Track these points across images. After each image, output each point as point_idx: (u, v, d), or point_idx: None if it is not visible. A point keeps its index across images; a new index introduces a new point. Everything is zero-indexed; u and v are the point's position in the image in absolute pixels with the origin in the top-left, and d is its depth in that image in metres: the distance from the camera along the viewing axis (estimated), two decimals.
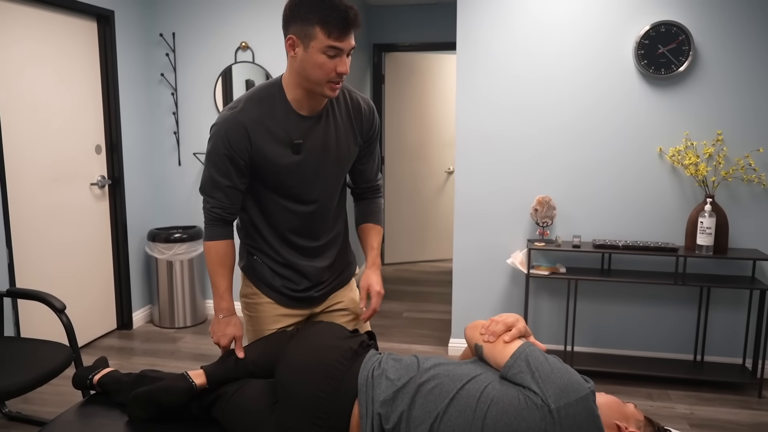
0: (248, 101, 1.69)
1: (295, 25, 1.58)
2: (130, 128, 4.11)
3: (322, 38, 1.55)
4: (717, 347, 3.56)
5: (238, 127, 1.66)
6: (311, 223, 1.82)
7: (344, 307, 1.96)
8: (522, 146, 3.60)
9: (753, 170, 3.36)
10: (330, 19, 1.53)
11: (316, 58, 1.58)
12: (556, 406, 1.32)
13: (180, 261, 4.17)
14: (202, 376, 1.72)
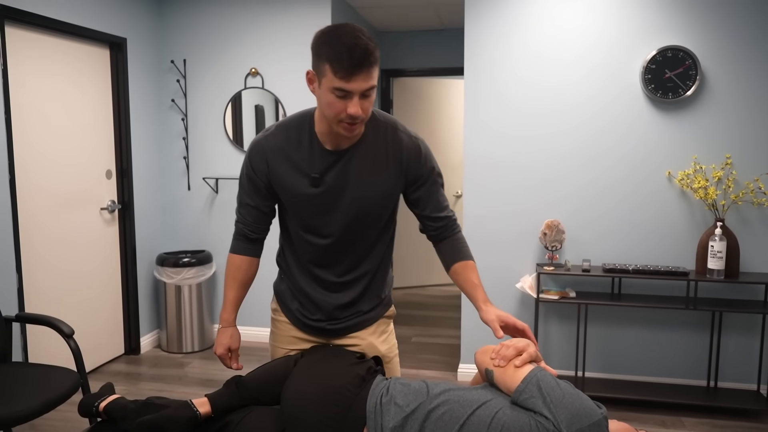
0: (279, 127, 1.72)
1: (314, 60, 1.55)
2: (140, 153, 4.15)
3: (330, 77, 1.50)
4: (730, 373, 3.51)
5: (260, 152, 1.71)
6: (329, 256, 1.77)
7: (361, 351, 1.85)
8: (530, 171, 3.60)
9: (763, 193, 3.34)
10: (339, 57, 1.47)
11: (327, 97, 1.54)
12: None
13: (188, 285, 4.18)
14: (206, 405, 1.71)
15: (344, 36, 1.48)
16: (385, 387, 1.54)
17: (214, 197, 4.42)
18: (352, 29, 1.50)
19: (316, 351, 1.72)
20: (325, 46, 1.50)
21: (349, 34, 1.48)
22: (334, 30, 1.51)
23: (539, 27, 3.51)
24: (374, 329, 1.88)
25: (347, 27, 1.51)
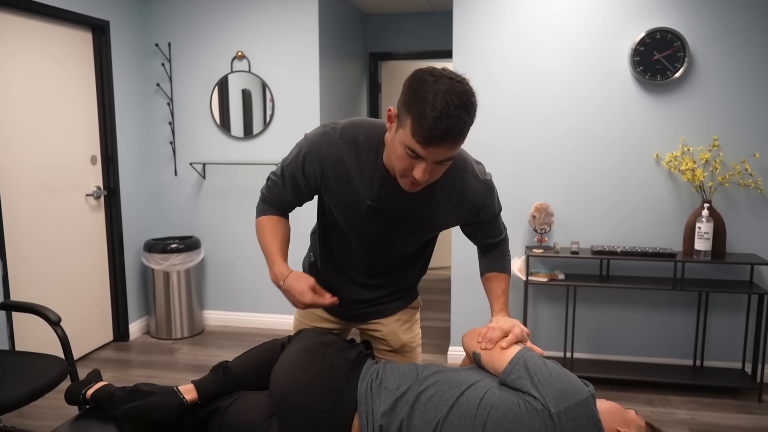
0: (344, 136, 1.55)
1: (400, 101, 1.38)
2: (125, 138, 4.10)
3: (408, 135, 1.34)
4: (716, 352, 3.55)
5: (318, 157, 1.56)
6: (362, 257, 1.75)
7: (382, 336, 1.88)
8: (519, 155, 3.59)
9: (749, 175, 3.36)
10: (422, 120, 1.30)
11: (398, 150, 1.39)
12: (557, 410, 1.31)
13: (177, 271, 4.15)
14: (193, 391, 1.70)
15: (438, 97, 1.29)
16: (375, 371, 1.54)
17: (201, 183, 4.38)
18: (451, 91, 1.30)
19: (305, 336, 1.72)
20: (415, 99, 1.32)
21: (444, 98, 1.29)
22: (433, 83, 1.31)
23: (528, 9, 3.48)
24: (398, 317, 1.89)
25: (448, 85, 1.31)
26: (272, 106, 4.20)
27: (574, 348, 3.69)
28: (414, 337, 1.95)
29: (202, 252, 4.32)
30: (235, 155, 4.29)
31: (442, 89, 1.30)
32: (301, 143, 1.61)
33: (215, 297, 4.50)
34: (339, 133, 1.55)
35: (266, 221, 1.71)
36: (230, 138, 4.29)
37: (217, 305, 4.50)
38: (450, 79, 1.32)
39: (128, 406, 1.70)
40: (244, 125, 4.25)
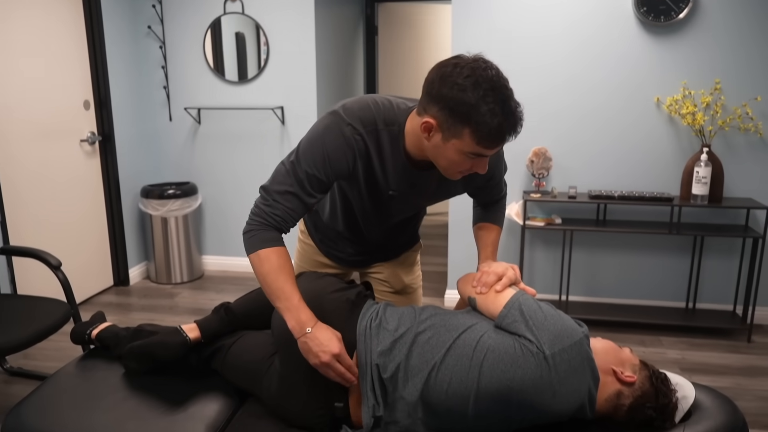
0: (366, 125, 1.44)
1: (441, 111, 1.30)
2: (118, 83, 4.03)
3: (470, 143, 1.31)
4: (709, 295, 3.61)
5: (346, 152, 1.44)
6: (364, 225, 1.75)
7: (384, 278, 1.91)
8: (519, 96, 3.53)
9: (750, 119, 3.34)
10: (487, 128, 1.27)
11: (453, 156, 1.35)
12: (551, 353, 1.33)
13: (175, 217, 4.16)
14: (195, 330, 1.73)
15: (490, 99, 1.26)
16: (375, 311, 1.56)
17: (196, 128, 4.33)
18: (496, 85, 1.27)
19: (305, 277, 1.73)
20: (465, 108, 1.26)
21: (496, 97, 1.26)
22: (473, 86, 1.26)
23: None
24: (401, 260, 1.91)
25: (487, 80, 1.27)
26: (267, 50, 4.11)
27: (570, 291, 3.75)
28: (415, 278, 1.97)
29: (199, 198, 4.31)
30: (229, 100, 4.23)
31: (487, 87, 1.27)
32: (315, 138, 1.44)
33: (214, 242, 4.52)
34: (360, 122, 1.44)
35: (271, 255, 1.44)
36: (224, 82, 4.21)
37: (215, 250, 4.53)
38: (481, 69, 1.28)
39: (133, 344, 1.73)
40: (238, 69, 4.17)
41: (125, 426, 1.51)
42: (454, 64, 1.30)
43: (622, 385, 1.42)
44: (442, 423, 1.43)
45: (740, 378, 2.96)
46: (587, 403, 1.38)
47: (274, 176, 1.48)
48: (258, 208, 1.47)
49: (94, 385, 1.70)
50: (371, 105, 1.46)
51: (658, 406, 1.40)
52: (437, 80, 1.31)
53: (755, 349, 3.26)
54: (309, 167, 1.43)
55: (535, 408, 1.35)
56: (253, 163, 4.31)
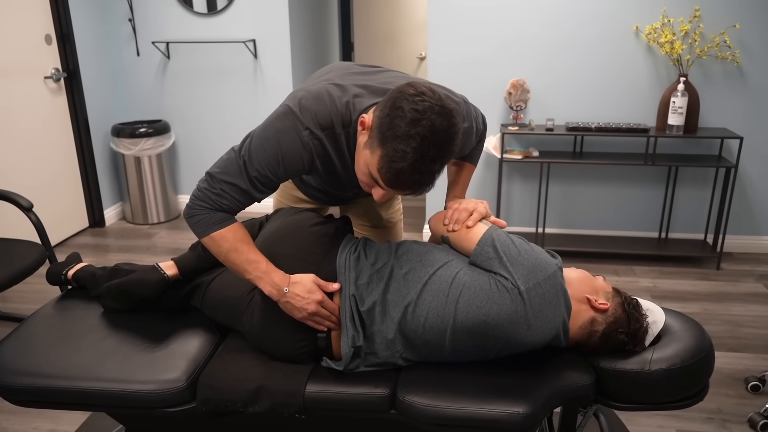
0: (322, 126, 1.37)
1: (376, 119, 1.26)
2: (80, 16, 3.84)
3: (373, 165, 1.26)
4: (681, 224, 3.69)
5: (303, 156, 1.37)
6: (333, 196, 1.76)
7: (361, 213, 1.92)
8: (495, 27, 3.47)
9: (728, 47, 3.32)
10: (389, 165, 1.22)
11: (361, 164, 1.31)
12: (526, 288, 1.36)
13: (148, 156, 4.07)
14: (173, 267, 1.72)
15: (413, 145, 1.20)
16: (354, 245, 1.56)
17: (166, 63, 4.19)
18: (431, 136, 1.20)
19: (282, 213, 1.72)
20: (391, 133, 1.21)
21: (420, 147, 1.20)
22: (414, 122, 1.20)
23: None
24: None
25: (429, 127, 1.20)
26: None
27: (546, 223, 3.79)
28: (394, 212, 1.97)
29: (172, 136, 4.22)
30: (199, 33, 4.08)
31: (422, 133, 1.20)
32: (269, 140, 1.36)
33: (189, 181, 4.46)
34: (315, 124, 1.36)
35: (226, 234, 1.40)
36: (193, 14, 4.05)
37: (191, 189, 4.46)
38: (436, 115, 1.21)
39: (111, 283, 1.72)
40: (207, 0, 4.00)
41: (105, 364, 1.51)
42: (419, 93, 1.23)
43: (596, 313, 1.46)
44: (421, 355, 1.47)
45: (708, 304, 3.06)
46: (561, 333, 1.41)
47: (224, 166, 1.38)
48: (203, 193, 1.39)
49: (72, 324, 1.70)
50: (328, 104, 1.37)
51: (630, 332, 1.45)
52: (396, 92, 1.25)
53: (723, 276, 3.37)
54: (261, 168, 1.37)
55: (510, 340, 1.39)
56: (227, 99, 4.20)
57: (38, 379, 1.48)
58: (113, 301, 1.73)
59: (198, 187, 1.41)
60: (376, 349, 1.47)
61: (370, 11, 5.68)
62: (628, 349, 1.46)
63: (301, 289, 1.41)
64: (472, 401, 1.37)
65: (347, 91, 1.40)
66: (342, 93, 1.40)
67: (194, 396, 1.48)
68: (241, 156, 1.37)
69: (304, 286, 1.42)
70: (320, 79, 1.46)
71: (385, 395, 1.42)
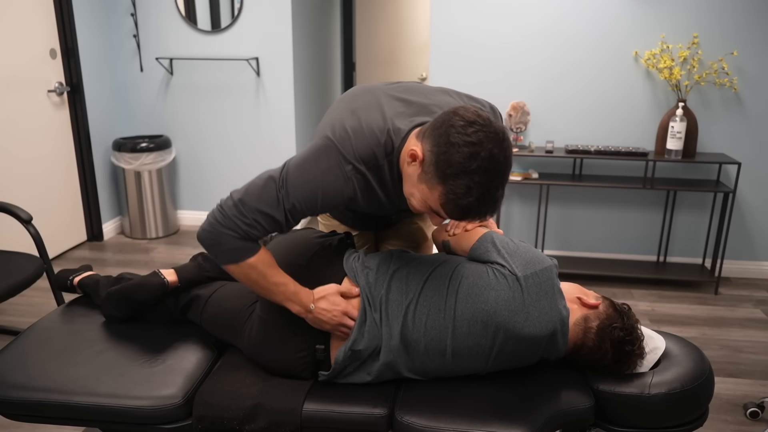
0: (365, 160, 1.33)
1: (430, 154, 1.21)
2: (85, 31, 3.88)
3: (434, 200, 1.23)
4: (679, 248, 3.70)
5: (345, 192, 1.34)
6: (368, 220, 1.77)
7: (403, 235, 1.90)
8: (497, 51, 3.51)
9: (725, 74, 3.35)
10: (454, 201, 1.20)
11: (417, 195, 1.27)
12: (524, 275, 1.40)
13: (148, 171, 4.08)
14: (173, 275, 1.74)
15: (477, 178, 1.18)
16: (357, 256, 1.58)
17: (169, 79, 4.21)
18: (492, 168, 1.18)
19: None
20: (450, 171, 1.18)
21: (484, 180, 1.18)
22: (472, 156, 1.17)
23: None
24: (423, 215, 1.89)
25: (488, 158, 1.17)
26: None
27: (545, 245, 3.80)
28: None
29: (173, 151, 4.23)
30: (202, 50, 4.11)
31: (483, 166, 1.17)
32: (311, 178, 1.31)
33: (189, 197, 4.46)
34: (358, 159, 1.32)
35: (258, 260, 1.36)
36: (197, 31, 4.09)
37: (191, 205, 4.48)
38: (492, 144, 1.18)
39: (112, 289, 1.73)
40: (211, 17, 4.04)
41: (101, 379, 1.50)
42: (469, 123, 1.19)
43: (588, 310, 1.47)
44: (421, 363, 1.46)
45: (706, 328, 3.06)
46: (559, 330, 1.42)
47: (259, 195, 1.31)
48: (231, 221, 1.30)
49: (70, 338, 1.69)
50: (368, 135, 1.33)
51: (625, 326, 1.44)
52: (446, 123, 1.21)
53: (722, 301, 3.36)
54: (299, 203, 1.32)
55: (509, 332, 1.39)
56: (228, 116, 4.22)
57: (33, 393, 1.47)
58: (113, 308, 1.73)
59: (224, 213, 1.31)
60: (378, 353, 1.46)
61: (372, 32, 5.74)
62: (627, 349, 1.44)
63: (326, 304, 1.42)
64: (471, 423, 1.36)
65: (386, 117, 1.37)
66: (382, 120, 1.36)
67: (190, 413, 1.47)
68: (279, 189, 1.31)
69: (328, 300, 1.43)
70: (353, 104, 1.42)
71: (383, 415, 1.41)
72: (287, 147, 4.20)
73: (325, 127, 1.39)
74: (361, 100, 1.43)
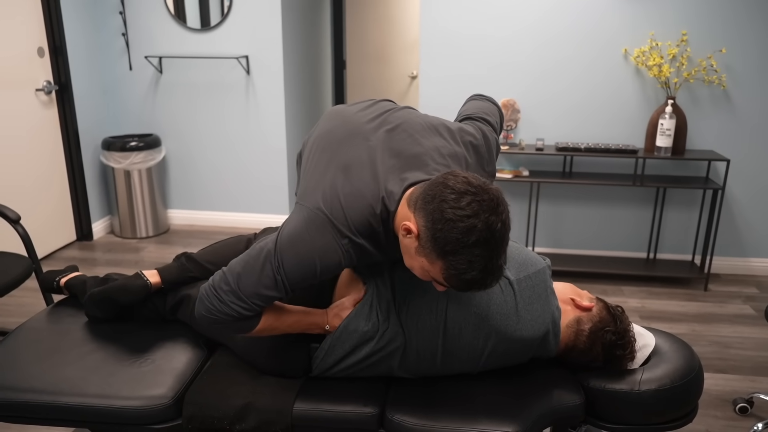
0: (361, 232, 1.30)
1: (425, 229, 1.17)
2: (73, 29, 3.84)
3: (437, 273, 1.19)
4: (669, 245, 3.72)
5: (343, 263, 1.31)
6: None
7: None
8: (487, 48, 3.51)
9: (714, 71, 3.37)
10: (457, 276, 1.16)
11: (417, 267, 1.24)
12: (516, 278, 1.40)
13: (138, 170, 4.06)
14: (156, 276, 1.72)
15: (478, 253, 1.14)
16: None
17: (158, 78, 4.19)
18: (491, 240, 1.14)
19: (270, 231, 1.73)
20: (450, 248, 1.14)
21: (485, 254, 1.14)
22: (473, 231, 1.13)
23: None
24: None
25: (485, 230, 1.13)
26: None
27: (535, 242, 3.81)
28: None
29: (163, 150, 4.21)
30: (192, 48, 4.09)
31: (482, 238, 1.13)
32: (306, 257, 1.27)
33: (179, 196, 4.44)
34: (353, 230, 1.29)
35: (264, 323, 1.37)
36: (186, 30, 4.06)
37: (181, 204, 4.45)
38: (487, 213, 1.14)
39: (94, 290, 1.71)
40: (200, 16, 4.02)
41: (90, 379, 1.49)
42: (460, 194, 1.15)
43: (581, 312, 1.47)
44: (413, 363, 1.45)
45: (696, 325, 3.07)
46: (551, 330, 1.42)
47: (256, 278, 1.28)
48: (229, 307, 1.29)
49: (59, 338, 1.68)
50: (361, 204, 1.28)
51: (617, 330, 1.44)
52: (438, 197, 1.16)
53: (711, 298, 3.38)
54: (298, 280, 1.30)
55: (501, 335, 1.39)
56: (218, 114, 4.21)
57: (21, 394, 1.46)
58: (96, 309, 1.72)
59: (221, 300, 1.30)
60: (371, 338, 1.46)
61: (363, 30, 5.73)
62: (618, 353, 1.45)
63: (339, 321, 1.45)
64: (462, 421, 1.36)
65: (379, 179, 1.31)
66: (374, 184, 1.30)
67: (180, 413, 1.46)
68: (277, 270, 1.28)
69: (340, 317, 1.45)
70: (342, 159, 1.35)
71: (374, 414, 1.41)
72: (278, 145, 4.18)
73: (316, 191, 1.32)
74: (351, 153, 1.36)
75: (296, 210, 1.33)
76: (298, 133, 4.50)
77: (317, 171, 1.37)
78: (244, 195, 4.33)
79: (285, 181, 4.26)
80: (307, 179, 1.38)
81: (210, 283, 1.32)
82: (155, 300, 1.75)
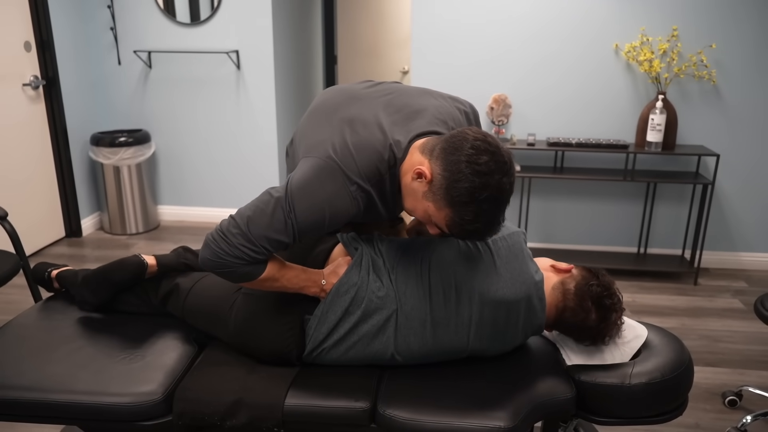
0: (368, 177, 1.35)
1: (440, 177, 1.24)
2: (60, 23, 3.80)
3: (441, 219, 1.28)
4: (660, 240, 3.73)
5: (350, 209, 1.35)
6: None
7: None
8: (478, 42, 3.51)
9: (704, 66, 3.38)
10: (461, 225, 1.25)
11: (420, 209, 1.32)
12: (492, 239, 1.46)
13: (127, 166, 4.02)
14: (152, 259, 1.74)
15: (485, 207, 1.22)
16: (346, 234, 1.60)
17: (147, 72, 4.15)
18: (499, 197, 1.23)
19: None
20: (459, 198, 1.22)
21: (491, 208, 1.23)
22: (482, 186, 1.21)
23: None
24: None
25: (496, 186, 1.22)
26: None
27: (527, 238, 3.81)
28: None
29: (152, 146, 4.17)
30: (182, 43, 4.06)
31: (491, 197, 1.22)
32: (318, 203, 1.31)
33: (169, 192, 4.41)
34: (362, 177, 1.34)
35: (269, 271, 1.39)
36: (176, 24, 4.03)
37: (171, 200, 4.43)
38: (500, 174, 1.22)
39: (88, 271, 1.71)
40: (190, 10, 3.99)
41: (79, 376, 1.48)
42: (479, 152, 1.22)
43: (563, 274, 1.52)
44: (405, 337, 1.46)
45: (686, 319, 3.09)
46: (535, 294, 1.45)
47: (268, 220, 1.31)
48: (237, 249, 1.31)
49: (47, 334, 1.66)
50: (370, 151, 1.35)
51: (602, 283, 1.47)
52: (458, 150, 1.23)
53: (701, 292, 3.40)
54: (308, 226, 1.33)
55: (484, 296, 1.42)
56: (209, 109, 4.18)
57: (9, 392, 1.44)
58: (89, 292, 1.71)
59: (229, 242, 1.31)
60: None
61: (354, 25, 5.71)
62: (607, 303, 1.45)
63: (335, 277, 1.48)
64: (454, 415, 1.36)
65: (385, 130, 1.38)
66: (381, 134, 1.37)
67: (170, 409, 1.45)
68: (288, 214, 1.31)
69: (337, 274, 1.48)
70: (347, 115, 1.41)
71: (366, 408, 1.41)
72: (268, 140, 4.16)
73: (323, 143, 1.36)
74: (354, 110, 1.42)
75: (304, 161, 1.37)
76: (288, 128, 4.48)
77: (320, 128, 1.42)
78: (235, 190, 4.31)
79: (276, 176, 4.24)
80: (309, 136, 1.42)
81: (218, 228, 1.34)
82: (147, 287, 1.74)
